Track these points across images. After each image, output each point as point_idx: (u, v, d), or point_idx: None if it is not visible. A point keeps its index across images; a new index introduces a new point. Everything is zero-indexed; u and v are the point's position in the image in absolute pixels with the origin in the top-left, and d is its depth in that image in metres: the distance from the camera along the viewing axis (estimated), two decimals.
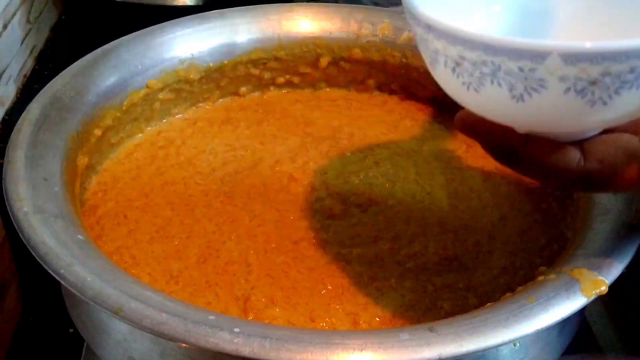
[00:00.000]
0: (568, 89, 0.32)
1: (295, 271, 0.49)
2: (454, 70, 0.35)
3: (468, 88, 0.35)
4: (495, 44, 0.32)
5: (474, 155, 0.59)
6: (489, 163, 0.58)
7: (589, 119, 0.34)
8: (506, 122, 0.36)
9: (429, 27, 0.35)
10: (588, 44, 0.31)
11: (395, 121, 0.63)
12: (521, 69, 0.32)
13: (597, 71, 0.32)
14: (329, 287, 0.48)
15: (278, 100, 0.65)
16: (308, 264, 0.49)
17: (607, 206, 0.47)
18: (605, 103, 0.33)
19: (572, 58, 0.31)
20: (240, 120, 0.62)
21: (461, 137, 0.61)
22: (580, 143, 0.37)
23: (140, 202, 0.54)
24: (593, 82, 0.32)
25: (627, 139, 0.37)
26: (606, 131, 0.37)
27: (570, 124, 0.35)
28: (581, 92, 0.33)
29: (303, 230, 0.52)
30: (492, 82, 0.34)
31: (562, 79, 0.32)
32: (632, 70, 0.32)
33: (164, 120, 0.62)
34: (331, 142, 0.60)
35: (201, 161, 0.58)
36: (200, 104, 0.64)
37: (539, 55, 0.32)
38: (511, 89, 0.33)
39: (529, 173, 0.38)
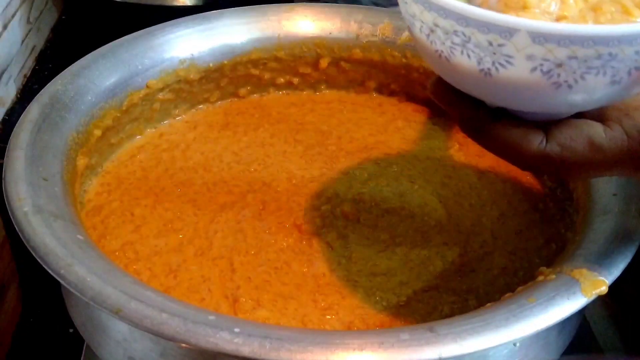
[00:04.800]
0: (534, 69, 0.33)
1: (296, 269, 0.49)
2: (428, 36, 0.35)
3: (440, 56, 0.35)
4: (467, 15, 0.33)
5: (466, 154, 0.59)
6: (483, 161, 0.58)
7: (554, 101, 0.34)
8: (475, 94, 0.37)
9: None
10: (556, 25, 0.32)
11: (386, 122, 0.63)
12: (490, 43, 0.33)
13: (564, 54, 0.32)
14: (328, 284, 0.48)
15: (274, 104, 0.65)
16: (307, 262, 0.50)
17: (607, 206, 0.47)
18: (570, 86, 0.33)
19: (540, 37, 0.32)
20: (238, 125, 0.63)
21: (454, 137, 0.61)
22: (547, 125, 0.36)
23: (149, 199, 0.54)
24: (559, 64, 0.32)
25: (594, 128, 0.36)
26: (577, 115, 0.37)
27: (535, 104, 0.35)
28: (547, 73, 0.33)
29: (294, 237, 0.52)
30: (462, 52, 0.34)
31: (529, 57, 0.32)
32: (598, 57, 0.32)
33: (164, 122, 0.62)
34: (320, 149, 0.60)
35: (212, 166, 0.58)
36: (200, 106, 0.64)
37: (507, 31, 0.32)
38: (479, 62, 0.34)
39: (492, 149, 0.38)
